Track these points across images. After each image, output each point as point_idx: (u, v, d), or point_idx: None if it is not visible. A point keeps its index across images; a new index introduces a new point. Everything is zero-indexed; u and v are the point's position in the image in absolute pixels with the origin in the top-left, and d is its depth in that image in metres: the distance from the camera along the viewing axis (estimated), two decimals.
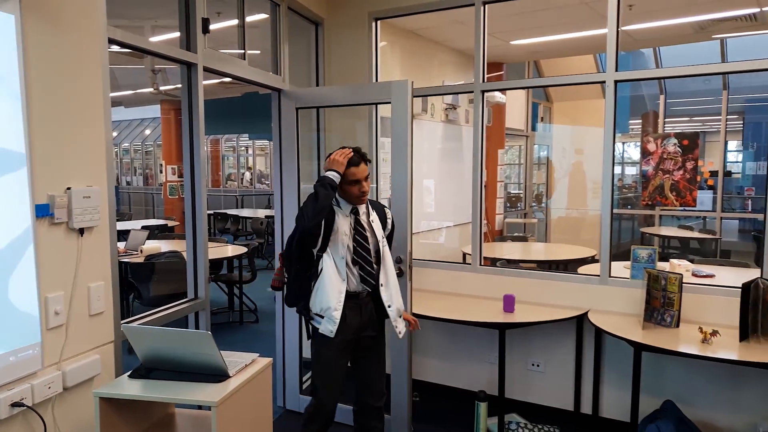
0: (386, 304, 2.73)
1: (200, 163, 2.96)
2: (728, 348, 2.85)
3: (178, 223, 9.62)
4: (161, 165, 12.58)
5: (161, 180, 12.90)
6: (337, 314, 2.62)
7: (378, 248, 2.74)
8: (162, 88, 8.81)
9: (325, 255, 2.66)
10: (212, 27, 2.98)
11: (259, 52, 3.84)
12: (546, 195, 9.74)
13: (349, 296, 2.67)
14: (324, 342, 2.68)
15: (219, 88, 8.86)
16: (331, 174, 2.58)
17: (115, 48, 2.47)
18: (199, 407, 2.62)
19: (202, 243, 3.00)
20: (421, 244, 5.48)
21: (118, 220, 2.57)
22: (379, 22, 4.10)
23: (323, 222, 2.60)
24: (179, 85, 2.96)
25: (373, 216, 2.79)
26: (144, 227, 7.18)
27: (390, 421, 3.45)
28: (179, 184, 11.55)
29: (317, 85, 4.15)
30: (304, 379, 4.09)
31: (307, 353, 4.22)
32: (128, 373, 2.23)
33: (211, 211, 11.56)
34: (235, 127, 13.86)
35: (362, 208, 2.74)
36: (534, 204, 9.58)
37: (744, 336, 2.91)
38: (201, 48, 2.91)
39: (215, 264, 6.17)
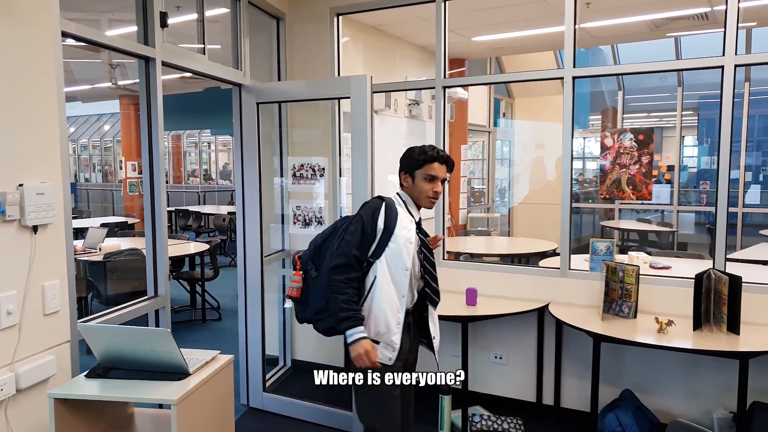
0: (432, 335, 2.47)
1: (159, 159, 2.90)
2: (682, 337, 2.94)
3: (138, 220, 9.43)
4: (121, 161, 12.30)
5: (121, 177, 12.62)
6: (397, 339, 2.29)
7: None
8: (121, 82, 8.63)
9: (378, 263, 2.29)
10: (171, 21, 2.92)
11: (219, 46, 3.79)
12: (509, 189, 9.87)
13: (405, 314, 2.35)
14: (381, 373, 2.30)
15: (180, 83, 8.71)
16: (351, 331, 2.23)
17: (70, 42, 2.40)
18: (160, 406, 2.58)
19: (161, 240, 2.95)
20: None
21: (76, 218, 2.51)
22: (341, 17, 4.08)
23: (379, 223, 2.30)
24: (137, 80, 2.89)
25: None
26: (103, 225, 7.02)
27: (352, 417, 3.45)
28: (139, 181, 11.32)
29: (279, 80, 4.12)
30: (268, 376, 4.08)
31: (270, 350, 4.22)
32: (85, 373, 2.18)
33: (173, 208, 11.37)
34: (197, 123, 13.66)
35: (417, 215, 2.47)
36: (497, 198, 9.70)
37: (697, 325, 3.00)
38: (159, 42, 2.85)
39: (177, 261, 6.08)
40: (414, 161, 2.39)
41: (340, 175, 4.10)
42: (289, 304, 2.46)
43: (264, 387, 3.84)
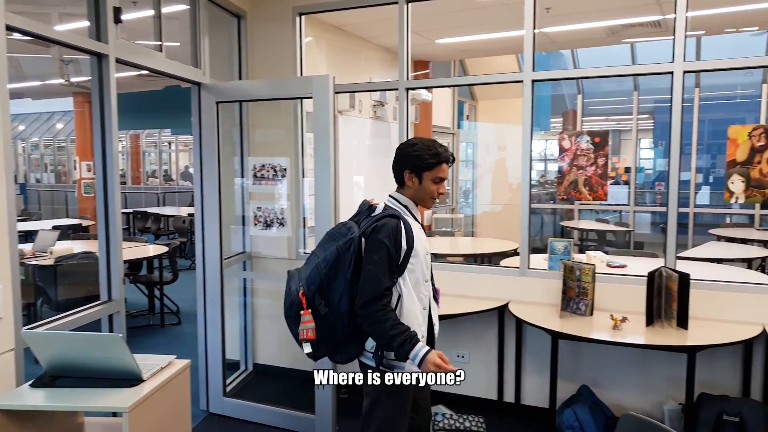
0: (435, 328, 2.35)
1: (113, 159, 2.83)
2: (635, 333, 3.02)
3: (93, 222, 9.17)
4: (75, 161, 11.95)
5: (76, 177, 12.27)
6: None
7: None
8: (74, 79, 8.38)
9: (401, 280, 2.17)
10: (127, 17, 2.86)
11: (178, 44, 3.73)
12: (472, 191, 9.98)
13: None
14: (400, 392, 2.19)
15: (138, 81, 8.52)
16: (413, 352, 2.05)
17: (17, 36, 2.32)
18: (114, 414, 2.52)
19: (116, 241, 2.87)
20: None
21: (24, 220, 2.43)
22: (303, 16, 4.06)
23: (402, 244, 2.15)
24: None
25: None
26: (55, 227, 6.81)
27: (315, 420, 3.44)
28: (94, 182, 10.99)
29: (240, 79, 4.07)
30: (229, 381, 4.02)
31: (231, 354, 4.17)
32: (30, 382, 2.09)
33: (131, 210, 11.12)
34: (157, 122, 13.40)
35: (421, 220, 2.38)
36: (462, 200, 9.79)
37: (650, 321, 3.09)
38: (113, 38, 2.78)
39: (134, 265, 5.94)
40: (425, 163, 2.21)
41: (303, 176, 4.08)
42: (308, 348, 2.17)
43: (224, 392, 3.78)
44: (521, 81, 3.49)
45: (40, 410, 2.05)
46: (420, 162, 2.22)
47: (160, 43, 3.25)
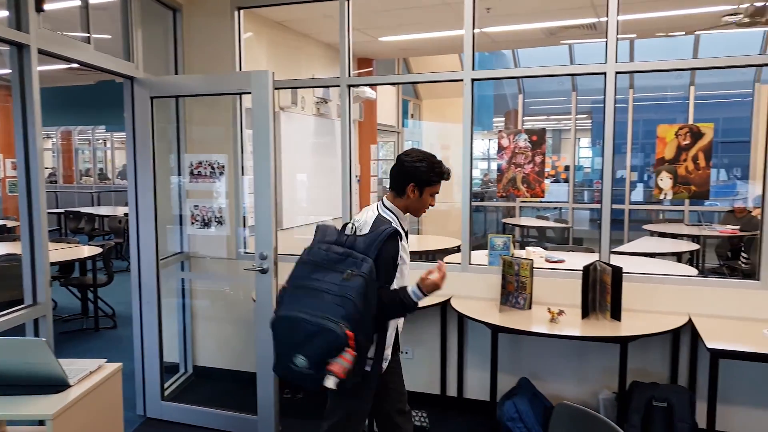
0: (400, 328, 2.56)
1: (37, 155, 2.69)
2: (572, 325, 3.11)
3: (18, 223, 8.73)
4: None
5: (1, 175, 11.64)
6: (389, 351, 2.41)
7: None
8: None
9: (398, 285, 2.35)
10: (51, 6, 2.72)
11: (110, 36, 3.59)
12: None
13: None
14: (368, 381, 2.30)
15: (68, 75, 8.14)
16: (417, 297, 2.22)
17: None
18: (40, 423, 2.40)
19: (40, 241, 2.73)
20: (296, 239, 5.42)
21: None
22: (242, 11, 3.98)
23: (399, 257, 2.28)
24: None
25: None
26: None
27: (257, 421, 3.38)
28: None
29: (176, 74, 3.96)
30: (167, 384, 3.92)
31: (170, 357, 4.06)
32: None
33: (62, 210, 10.67)
34: (90, 118, 12.86)
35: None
36: None
37: (585, 314, 3.19)
38: (34, 28, 2.64)
39: (66, 267, 5.70)
40: (431, 180, 2.37)
41: (243, 174, 4.00)
42: (332, 384, 2.03)
43: (162, 395, 3.68)
44: (461, 80, 3.53)
45: None
46: (426, 178, 2.36)
47: (88, 35, 3.11)
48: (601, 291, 3.22)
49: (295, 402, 3.90)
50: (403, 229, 2.38)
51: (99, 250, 5.60)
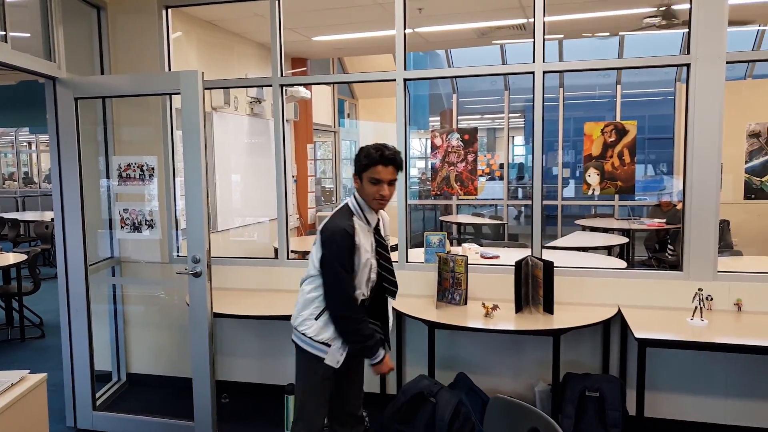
0: (389, 321, 2.61)
1: None
2: (506, 319, 3.19)
3: None
4: None
5: None
6: (339, 346, 2.42)
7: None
8: None
9: (357, 278, 2.41)
10: None
11: (29, 35, 3.43)
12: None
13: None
14: (327, 374, 2.44)
15: None
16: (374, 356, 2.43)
17: None
18: None
19: None
20: (232, 242, 5.34)
21: None
22: (170, 9, 3.88)
23: (353, 255, 2.35)
24: None
25: (381, 228, 2.52)
26: None
27: (194, 428, 3.32)
28: None
29: (102, 74, 3.82)
30: (99, 394, 3.78)
31: (102, 365, 3.92)
32: None
33: None
34: (12, 120, 12.21)
35: (374, 219, 2.45)
36: (347, 197, 9.84)
37: (518, 308, 3.28)
38: None
39: None
40: (360, 164, 2.35)
41: (174, 176, 3.91)
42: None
43: (94, 405, 3.55)
44: (394, 80, 3.57)
45: None
46: (357, 163, 2.36)
47: (4, 32, 2.96)
48: (534, 285, 3.32)
49: (232, 407, 3.84)
50: (366, 221, 2.40)
51: (24, 257, 5.36)
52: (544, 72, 3.41)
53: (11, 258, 5.43)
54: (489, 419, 2.05)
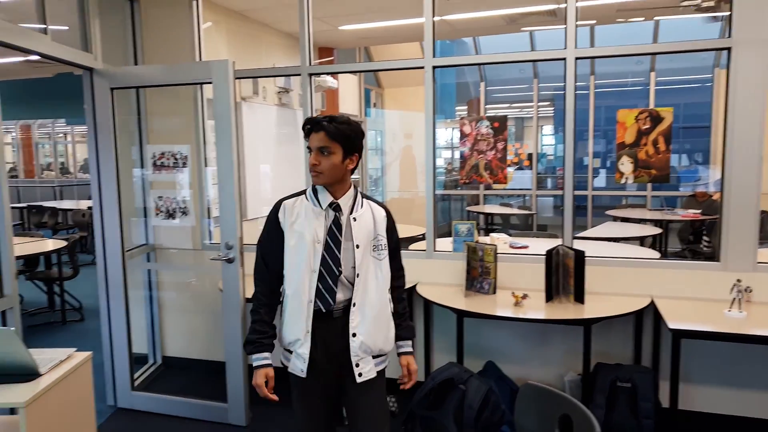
0: (351, 332, 2.04)
1: None
2: (536, 308, 3.18)
3: None
4: None
5: None
6: (305, 350, 2.03)
7: (353, 256, 2.05)
8: None
9: (286, 268, 2.08)
10: None
11: (67, 28, 3.52)
12: (381, 178, 10.08)
13: (321, 318, 2.05)
14: (297, 384, 2.12)
15: (26, 68, 7.94)
16: (253, 356, 2.09)
17: None
18: (11, 411, 2.38)
19: (4, 235, 2.70)
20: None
21: None
22: (200, 0, 3.93)
23: (281, 224, 2.07)
24: None
25: (361, 214, 2.10)
26: None
27: (227, 408, 3.40)
28: None
29: (135, 64, 3.90)
30: (137, 375, 3.90)
31: (139, 348, 4.03)
32: None
33: (24, 204, 10.42)
34: (50, 112, 12.54)
35: (346, 203, 2.08)
36: (372, 187, 9.86)
37: (549, 297, 3.26)
38: None
39: (31, 261, 5.60)
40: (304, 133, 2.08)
41: (206, 165, 3.98)
42: None
43: (132, 386, 3.67)
44: (422, 67, 3.56)
45: None
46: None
47: (44, 26, 3.04)
48: (564, 275, 3.30)
49: None
50: (316, 200, 2.07)
51: (64, 243, 5.51)
52: (576, 58, 3.36)
53: (52, 244, 5.59)
54: (520, 405, 2.05)
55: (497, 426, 3.07)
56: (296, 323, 2.04)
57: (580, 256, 3.18)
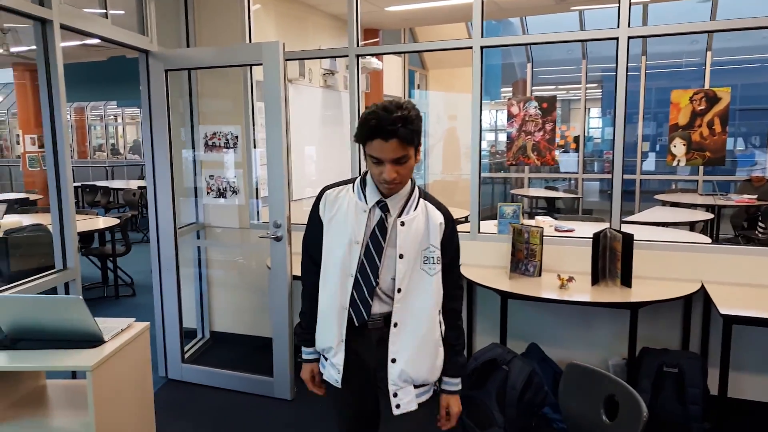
0: (390, 357, 1.77)
1: (62, 128, 2.76)
2: (581, 291, 3.15)
3: (41, 196, 8.92)
4: (18, 135, 11.49)
5: (18, 151, 11.79)
6: (339, 359, 1.80)
7: (394, 267, 1.76)
8: (13, 49, 8.02)
9: (323, 265, 1.85)
10: None
11: (123, 12, 3.63)
12: (424, 160, 10.06)
13: (355, 329, 1.80)
14: (332, 393, 1.92)
15: (81, 51, 8.21)
16: (303, 347, 1.96)
17: None
18: (73, 376, 2.53)
19: (68, 210, 2.84)
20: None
21: None
22: None
23: (320, 214, 1.86)
24: (33, 47, 2.72)
25: (412, 218, 1.78)
26: (1, 201, 6.60)
27: (273, 383, 3.50)
28: (40, 155, 10.64)
29: (188, 46, 3.99)
30: (186, 348, 4.04)
31: (188, 323, 4.17)
32: None
33: (79, 184, 10.83)
34: (102, 94, 12.94)
35: (397, 202, 1.78)
36: (414, 171, 9.85)
37: (595, 280, 3.23)
38: (56, 3, 2.69)
39: (86, 237, 5.83)
40: (357, 134, 1.68)
41: (255, 147, 4.06)
42: None
43: (183, 358, 3.81)
44: (470, 47, 3.53)
45: (3, 371, 2.06)
46: (356, 133, 1.69)
47: (105, 10, 3.15)
48: (612, 258, 3.26)
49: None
50: (363, 195, 1.79)
51: (117, 221, 5.72)
52: (629, 37, 3.27)
53: (103, 222, 5.82)
54: (564, 385, 2.06)
55: (539, 407, 3.08)
56: (329, 329, 1.81)
57: (628, 239, 3.14)
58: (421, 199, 1.82)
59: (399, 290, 1.75)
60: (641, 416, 1.69)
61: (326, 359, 1.87)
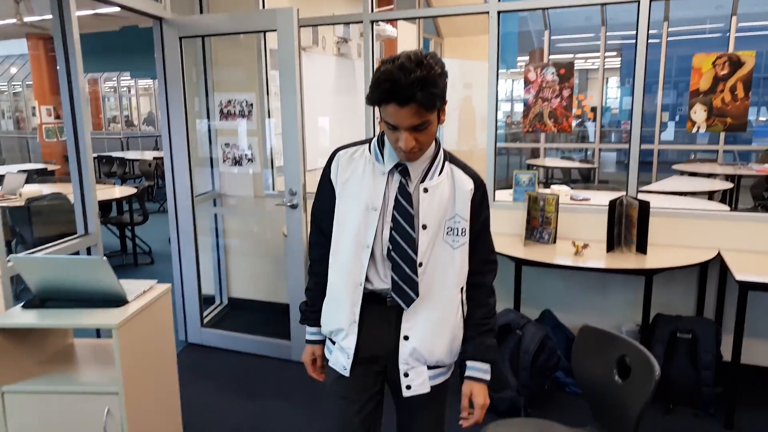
0: (403, 333, 1.58)
1: (80, 95, 2.79)
2: (597, 258, 3.16)
3: (58, 166, 9.03)
4: (34, 107, 11.58)
5: (35, 123, 11.90)
6: (351, 342, 1.60)
7: (417, 237, 1.53)
8: (27, 19, 8.03)
9: (335, 236, 1.63)
10: None
11: None
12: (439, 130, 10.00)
13: (371, 301, 1.59)
14: (333, 382, 1.68)
15: (93, 21, 8.19)
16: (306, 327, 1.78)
17: None
18: (98, 335, 2.59)
19: (88, 176, 2.88)
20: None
21: None
22: None
23: (332, 177, 1.63)
24: (47, 17, 2.72)
25: (436, 184, 1.56)
26: (21, 171, 6.70)
27: (290, 346, 3.56)
28: (57, 126, 10.72)
29: (201, 13, 3.98)
30: (205, 314, 4.12)
31: (206, 289, 4.24)
32: (21, 304, 2.17)
33: (95, 155, 10.93)
34: (115, 65, 12.92)
35: (419, 166, 1.56)
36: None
37: (610, 247, 3.23)
38: None
39: (104, 206, 5.92)
40: (369, 96, 1.44)
41: (269, 117, 4.06)
42: None
43: (202, 323, 3.89)
44: (487, 12, 3.48)
45: (33, 328, 2.14)
46: (368, 94, 1.44)
47: None
48: (627, 225, 3.25)
49: None
50: (381, 156, 1.57)
51: (134, 191, 5.79)
52: (651, 1, 3.20)
53: (119, 192, 5.90)
54: (577, 347, 2.08)
55: (552, 371, 3.12)
56: (340, 309, 1.61)
57: (644, 206, 3.12)
58: (447, 163, 1.60)
59: (420, 264, 1.54)
60: (654, 374, 1.71)
61: (333, 343, 1.67)
